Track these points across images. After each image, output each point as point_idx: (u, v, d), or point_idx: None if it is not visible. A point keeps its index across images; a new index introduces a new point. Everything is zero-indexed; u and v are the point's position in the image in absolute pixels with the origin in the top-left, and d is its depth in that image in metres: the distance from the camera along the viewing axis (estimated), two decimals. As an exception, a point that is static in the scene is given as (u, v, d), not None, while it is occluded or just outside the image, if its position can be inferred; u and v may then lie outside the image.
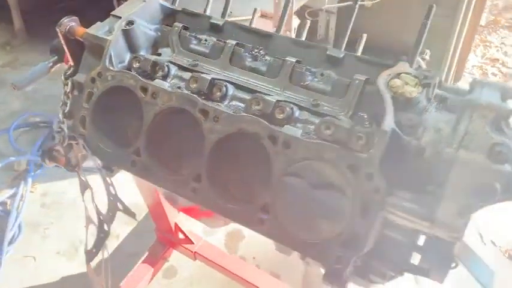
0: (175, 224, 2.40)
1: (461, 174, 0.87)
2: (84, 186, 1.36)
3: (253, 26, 1.36)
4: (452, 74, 3.75)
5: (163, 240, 2.54)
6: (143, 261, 2.50)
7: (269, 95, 1.13)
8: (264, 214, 1.02)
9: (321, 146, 0.97)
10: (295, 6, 2.84)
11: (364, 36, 1.31)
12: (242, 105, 1.16)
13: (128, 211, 1.27)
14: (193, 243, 2.46)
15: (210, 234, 2.86)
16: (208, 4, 1.51)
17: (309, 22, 1.43)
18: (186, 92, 1.15)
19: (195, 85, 1.17)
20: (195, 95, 1.13)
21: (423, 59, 1.25)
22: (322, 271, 2.48)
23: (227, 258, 2.48)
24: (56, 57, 1.63)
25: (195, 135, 1.14)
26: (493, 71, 4.20)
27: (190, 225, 2.54)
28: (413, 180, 0.94)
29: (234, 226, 1.68)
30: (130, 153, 1.18)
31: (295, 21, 3.02)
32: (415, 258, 1.10)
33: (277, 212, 1.00)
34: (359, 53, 1.24)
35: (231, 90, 1.17)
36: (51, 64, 1.64)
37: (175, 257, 2.74)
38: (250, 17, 1.44)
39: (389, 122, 0.93)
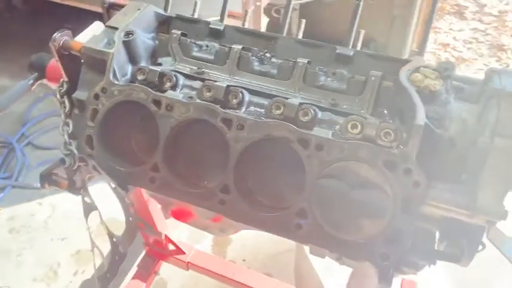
0: (166, 236, 2.33)
1: (499, 161, 0.90)
2: (90, 208, 1.29)
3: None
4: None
5: (153, 254, 2.46)
6: (134, 277, 2.41)
7: (288, 98, 1.11)
8: (301, 219, 1.01)
9: (356, 145, 0.98)
10: (263, 4, 2.83)
11: (362, 32, 1.33)
12: (261, 110, 1.13)
13: (151, 230, 1.22)
14: (184, 253, 2.40)
15: (197, 241, 2.81)
16: (196, 9, 1.47)
17: (304, 21, 1.43)
18: (201, 101, 1.12)
19: (209, 94, 1.14)
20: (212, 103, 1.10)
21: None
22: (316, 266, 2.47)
23: (221, 264, 2.44)
24: (37, 73, 1.53)
25: (216, 144, 1.11)
26: (445, 56, 4.42)
27: (175, 235, 2.49)
28: (448, 171, 0.97)
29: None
30: (148, 169, 1.12)
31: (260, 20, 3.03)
32: (442, 246, 1.13)
33: (315, 216, 1.00)
34: (358, 48, 1.26)
35: (247, 96, 1.15)
36: (31, 81, 1.53)
37: (164, 269, 2.67)
38: (218, 18, 1.41)
39: (422, 116, 0.95)
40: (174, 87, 1.18)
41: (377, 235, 0.96)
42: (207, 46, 1.29)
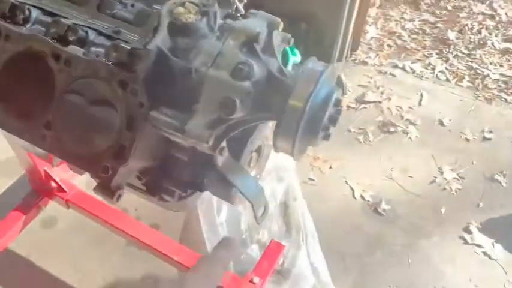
0: (45, 172, 2.38)
1: (209, 91, 0.95)
2: None
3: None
4: (348, 44, 3.94)
5: (36, 189, 2.52)
6: (14, 210, 2.47)
7: (68, 19, 1.15)
8: (46, 131, 1.06)
9: (96, 63, 1.02)
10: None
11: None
12: (43, 29, 1.17)
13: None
14: (65, 191, 2.46)
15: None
16: None
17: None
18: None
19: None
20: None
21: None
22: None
23: (102, 207, 2.50)
24: None
25: None
26: (389, 43, 4.44)
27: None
28: (180, 99, 1.01)
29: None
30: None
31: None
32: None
33: (57, 128, 1.05)
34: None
35: (35, 13, 1.18)
36: None
37: (56, 208, 2.73)
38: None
39: (156, 42, 0.99)
40: (26, 21, 1.19)
41: (104, 150, 1.02)
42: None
